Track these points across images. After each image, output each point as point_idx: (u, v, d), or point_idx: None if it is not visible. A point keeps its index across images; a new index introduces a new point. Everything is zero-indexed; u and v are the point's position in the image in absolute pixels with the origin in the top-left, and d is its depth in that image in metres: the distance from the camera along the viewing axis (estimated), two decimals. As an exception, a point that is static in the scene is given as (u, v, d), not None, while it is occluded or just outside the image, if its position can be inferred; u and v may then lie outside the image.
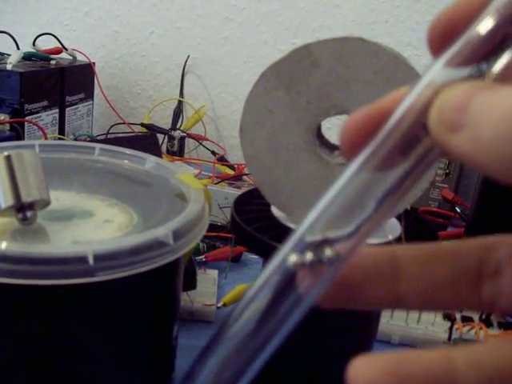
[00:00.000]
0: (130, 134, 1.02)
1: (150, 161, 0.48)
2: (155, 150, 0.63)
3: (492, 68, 0.17)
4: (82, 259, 0.31)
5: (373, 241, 0.41)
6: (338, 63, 0.39)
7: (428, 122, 0.17)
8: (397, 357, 0.17)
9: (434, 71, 0.17)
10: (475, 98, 0.16)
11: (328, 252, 0.19)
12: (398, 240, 0.42)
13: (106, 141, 0.72)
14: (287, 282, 0.19)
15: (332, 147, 0.43)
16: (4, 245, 0.31)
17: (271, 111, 0.41)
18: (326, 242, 0.19)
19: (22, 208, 0.36)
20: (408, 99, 0.18)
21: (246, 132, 0.42)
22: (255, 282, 0.20)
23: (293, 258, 0.19)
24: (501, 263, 0.21)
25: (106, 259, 0.32)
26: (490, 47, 0.17)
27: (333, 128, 0.42)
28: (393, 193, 0.18)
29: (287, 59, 0.40)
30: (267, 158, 0.42)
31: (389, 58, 0.38)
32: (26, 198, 0.35)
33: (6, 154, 0.36)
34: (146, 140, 0.66)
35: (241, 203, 0.47)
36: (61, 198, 0.41)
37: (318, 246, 0.19)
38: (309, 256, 0.19)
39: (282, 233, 0.42)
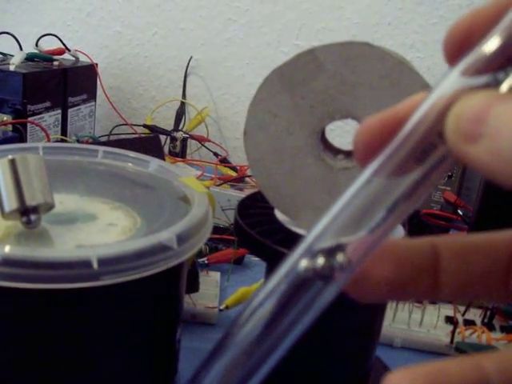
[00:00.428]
0: (133, 136, 1.02)
1: (154, 164, 0.48)
2: (158, 152, 0.63)
3: (509, 77, 0.16)
4: (87, 263, 0.31)
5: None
6: (343, 67, 0.39)
7: (444, 130, 0.17)
8: (432, 368, 0.17)
9: (451, 79, 0.17)
10: (493, 107, 0.16)
11: (340, 258, 0.19)
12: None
13: (108, 143, 0.72)
14: (297, 287, 0.19)
15: (336, 151, 0.43)
16: (8, 248, 0.31)
17: (275, 115, 0.41)
18: (338, 248, 0.19)
19: (26, 211, 0.36)
20: (424, 106, 0.17)
21: (250, 136, 0.42)
22: (263, 287, 0.20)
23: (304, 263, 0.19)
24: None
25: (111, 263, 0.32)
26: (507, 56, 0.16)
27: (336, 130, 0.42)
28: (405, 199, 0.18)
29: (292, 63, 0.40)
30: (271, 161, 0.42)
31: (394, 62, 0.38)
32: (30, 201, 0.35)
33: (10, 157, 0.36)
34: (149, 142, 0.66)
35: (244, 206, 0.47)
36: (64, 201, 0.41)
37: (329, 252, 0.19)
38: (320, 261, 0.19)
39: (285, 237, 0.42)
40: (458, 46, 0.18)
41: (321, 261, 0.19)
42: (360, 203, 0.19)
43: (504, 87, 0.16)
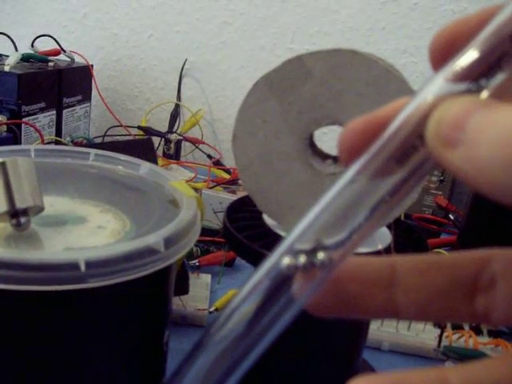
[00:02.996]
0: (126, 139, 1.02)
1: (144, 167, 0.49)
2: (150, 155, 0.63)
3: (490, 84, 0.17)
4: (74, 266, 0.31)
5: (362, 249, 0.41)
6: (330, 74, 0.39)
7: (425, 133, 0.17)
8: (395, 377, 0.17)
9: (434, 84, 0.17)
10: (473, 115, 0.16)
11: (321, 256, 0.19)
12: (388, 249, 0.43)
13: (101, 145, 0.73)
14: (278, 284, 0.20)
15: (324, 156, 0.43)
16: (-3, 250, 0.32)
17: (264, 121, 0.41)
18: (319, 246, 0.19)
19: (15, 214, 0.36)
20: (407, 109, 0.18)
21: (238, 141, 0.42)
22: (245, 285, 0.20)
23: (286, 261, 0.19)
24: (495, 276, 0.21)
25: (98, 266, 0.32)
26: (489, 63, 0.17)
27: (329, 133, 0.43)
28: (387, 201, 0.18)
29: (280, 69, 0.40)
30: (259, 166, 0.42)
31: (381, 70, 0.39)
32: (19, 204, 0.36)
33: (0, 160, 0.36)
34: (142, 144, 0.67)
35: (233, 210, 0.47)
36: (55, 204, 0.42)
37: (311, 250, 0.19)
38: (302, 259, 0.19)
39: (273, 241, 0.42)
40: (442, 52, 0.18)
41: (302, 258, 0.19)
42: (342, 202, 0.19)
43: (485, 94, 0.17)
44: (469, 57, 0.17)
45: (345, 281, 0.22)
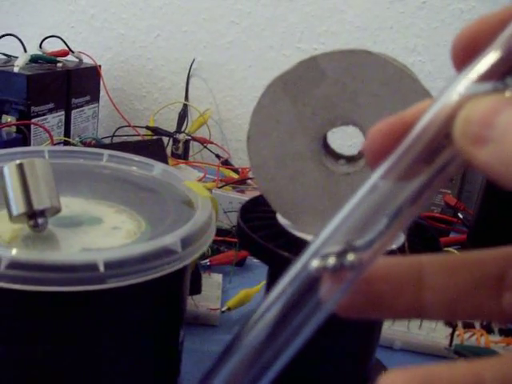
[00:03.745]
0: (137, 139, 1.02)
1: (158, 167, 0.49)
2: (161, 155, 0.64)
3: None
4: (93, 267, 0.32)
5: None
6: (344, 75, 0.40)
7: (453, 132, 0.17)
8: (427, 372, 0.17)
9: (459, 83, 0.18)
10: (501, 112, 0.16)
11: (350, 257, 0.19)
12: (402, 248, 0.43)
13: (112, 145, 0.73)
14: (307, 288, 0.20)
15: (337, 157, 0.43)
16: (15, 251, 0.32)
17: (278, 121, 0.41)
18: (349, 248, 0.19)
19: (33, 215, 0.37)
20: (433, 109, 0.18)
21: (252, 141, 0.43)
22: (273, 288, 0.20)
23: (315, 263, 0.19)
24: None
25: (117, 267, 0.32)
26: None
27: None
28: (415, 201, 0.19)
29: (294, 70, 0.40)
30: (273, 166, 0.43)
31: (395, 70, 0.39)
32: (37, 205, 0.36)
33: (18, 162, 0.36)
34: (153, 144, 0.67)
35: (246, 210, 0.47)
36: (70, 205, 0.42)
37: (340, 251, 0.19)
38: (331, 260, 0.19)
39: (287, 241, 0.43)
40: (465, 51, 0.18)
41: (332, 260, 0.19)
42: (370, 203, 0.19)
43: (511, 92, 0.17)
44: (493, 55, 0.17)
45: (373, 281, 0.22)
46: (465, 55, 0.18)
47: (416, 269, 0.22)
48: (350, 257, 0.19)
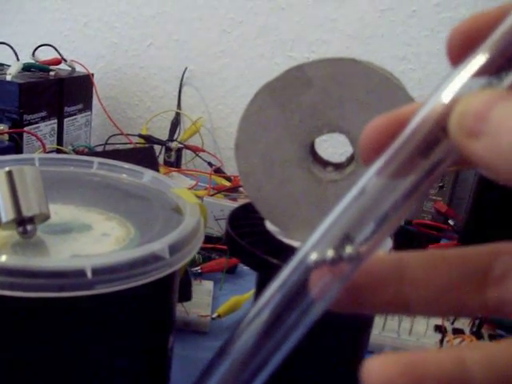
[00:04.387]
0: (128, 147, 1.03)
1: (148, 175, 0.49)
2: (152, 163, 0.64)
3: (511, 77, 0.17)
4: (81, 272, 0.32)
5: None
6: (331, 83, 0.40)
7: (448, 125, 0.18)
8: (411, 357, 0.18)
9: (455, 78, 0.18)
10: (495, 106, 0.17)
11: (349, 249, 0.19)
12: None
13: (103, 153, 0.73)
14: (302, 284, 0.20)
15: (325, 163, 0.44)
16: (4, 258, 0.32)
17: (266, 129, 0.42)
18: (347, 241, 0.19)
19: (22, 222, 0.37)
20: (429, 103, 0.18)
21: (241, 149, 0.43)
22: (266, 290, 0.21)
23: (314, 256, 0.19)
24: (506, 269, 0.21)
25: (104, 273, 0.33)
26: (509, 57, 0.17)
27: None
28: (410, 195, 0.19)
29: (281, 78, 0.41)
30: (262, 174, 0.43)
31: (381, 78, 0.40)
32: (26, 212, 0.36)
33: (7, 169, 0.37)
34: (144, 153, 0.67)
35: (235, 217, 0.48)
36: (60, 212, 0.42)
37: (338, 244, 0.19)
38: (330, 253, 0.19)
39: (275, 247, 0.43)
40: (460, 47, 0.19)
41: (330, 253, 0.19)
42: (367, 198, 0.19)
43: (506, 85, 0.17)
44: (488, 51, 0.18)
45: (355, 276, 0.22)
46: (460, 50, 0.19)
47: (398, 265, 0.23)
48: (349, 249, 0.19)
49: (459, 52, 0.19)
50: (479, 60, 0.18)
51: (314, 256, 0.19)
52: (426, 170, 0.19)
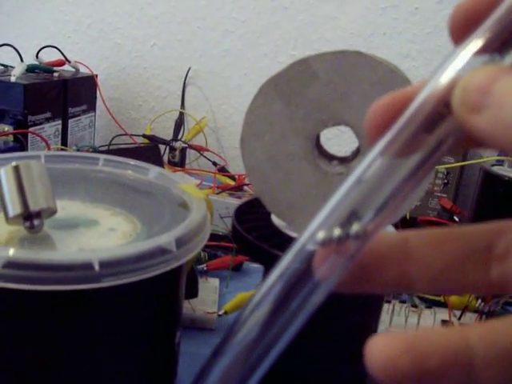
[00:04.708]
0: (133, 145, 1.03)
1: (153, 171, 0.49)
2: (157, 161, 0.64)
3: None
4: (88, 265, 0.32)
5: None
6: (336, 76, 0.40)
7: (451, 101, 0.18)
8: (414, 335, 0.18)
9: (458, 56, 0.18)
10: (498, 80, 0.17)
11: (356, 226, 0.19)
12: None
13: (109, 152, 0.73)
14: (308, 266, 0.20)
15: (330, 157, 0.44)
16: (12, 251, 0.32)
17: (271, 123, 0.42)
18: (354, 218, 0.19)
19: (29, 216, 0.37)
20: (433, 80, 0.18)
21: (246, 143, 0.43)
22: (269, 275, 0.20)
23: (321, 234, 0.19)
24: (510, 246, 0.21)
25: (112, 266, 0.33)
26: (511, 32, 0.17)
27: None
28: (415, 174, 0.19)
29: (286, 72, 0.41)
30: (267, 168, 0.43)
31: (385, 70, 0.40)
32: (33, 206, 0.37)
33: (14, 164, 0.37)
34: (149, 151, 0.67)
35: (241, 212, 0.48)
36: (66, 207, 0.43)
37: (345, 222, 0.19)
38: (336, 232, 0.19)
39: (282, 241, 0.43)
40: (463, 25, 0.19)
41: (337, 231, 0.19)
42: (372, 176, 0.19)
43: (508, 61, 0.18)
44: (491, 28, 0.18)
45: (360, 256, 0.22)
46: (463, 28, 0.19)
47: (402, 243, 0.23)
48: (355, 226, 0.19)
49: (462, 30, 0.19)
50: (482, 37, 0.18)
51: (321, 234, 0.19)
52: (431, 147, 0.19)
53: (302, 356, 0.44)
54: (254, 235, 0.43)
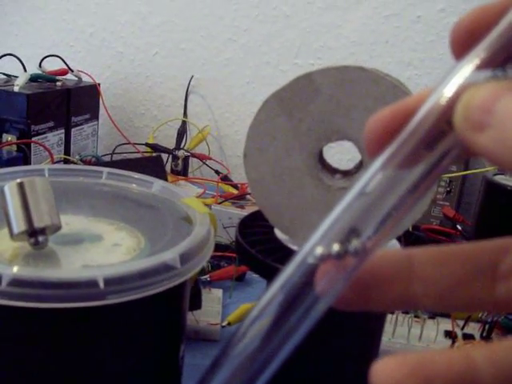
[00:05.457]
0: (136, 156, 1.03)
1: (157, 184, 0.49)
2: (161, 172, 0.64)
3: None
4: (93, 283, 0.32)
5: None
6: (339, 91, 0.40)
7: (453, 118, 0.18)
8: (419, 357, 0.18)
9: (459, 71, 0.18)
10: (500, 98, 0.17)
11: (355, 243, 0.19)
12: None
13: (112, 163, 0.74)
14: (307, 279, 0.20)
15: (333, 171, 0.44)
16: (16, 269, 0.32)
17: (274, 137, 0.42)
18: (353, 234, 0.19)
19: (33, 233, 0.37)
20: (434, 96, 0.18)
21: (249, 158, 0.43)
22: (273, 283, 0.20)
23: (319, 250, 0.19)
24: None
25: (116, 283, 0.33)
26: None
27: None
28: (416, 189, 0.19)
29: (289, 87, 0.41)
30: (271, 182, 0.43)
31: (388, 85, 0.40)
32: (37, 223, 0.37)
33: (19, 180, 0.37)
34: (152, 161, 0.68)
35: (245, 225, 0.48)
36: (70, 222, 0.43)
37: (344, 238, 0.19)
38: (335, 247, 0.19)
39: (285, 255, 0.43)
40: (464, 39, 0.19)
41: (336, 247, 0.19)
42: (372, 192, 0.19)
43: (510, 76, 0.17)
44: (493, 43, 0.18)
45: (362, 273, 0.22)
46: (464, 43, 0.19)
47: (406, 261, 0.23)
48: (354, 243, 0.19)
49: (463, 45, 0.19)
50: (484, 52, 0.18)
51: (319, 250, 0.19)
52: (432, 163, 0.19)
53: (303, 371, 0.44)
54: (257, 249, 0.43)
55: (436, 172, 0.19)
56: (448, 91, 0.18)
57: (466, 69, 0.18)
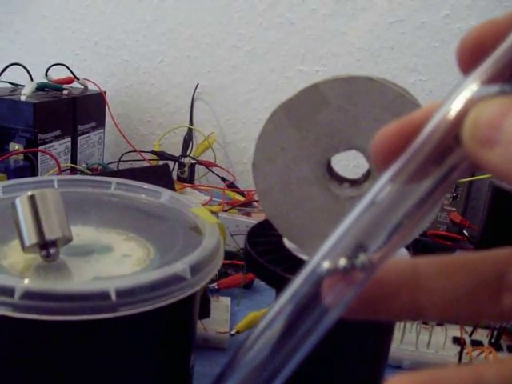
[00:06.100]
0: (142, 164, 1.03)
1: (165, 194, 0.50)
2: (168, 181, 0.65)
3: None
4: (105, 295, 0.32)
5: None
6: (346, 101, 0.41)
7: (461, 134, 0.18)
8: (429, 375, 0.18)
9: (467, 86, 0.18)
10: (509, 115, 0.17)
11: (362, 257, 0.19)
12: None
13: (120, 172, 0.74)
14: (315, 293, 0.20)
15: (341, 180, 0.44)
16: (28, 281, 0.32)
17: (282, 148, 0.42)
18: (360, 249, 0.19)
19: (45, 245, 0.37)
20: (442, 111, 0.18)
21: (258, 168, 0.43)
22: (277, 300, 0.20)
23: (326, 264, 0.19)
24: None
25: (128, 295, 0.33)
26: None
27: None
28: (423, 204, 0.19)
29: (297, 98, 0.41)
30: (279, 192, 0.43)
31: (395, 95, 0.40)
32: (49, 235, 0.37)
33: (30, 193, 0.37)
34: (160, 171, 0.68)
35: (253, 235, 0.48)
36: (81, 234, 0.43)
37: (351, 253, 0.19)
38: (342, 262, 0.19)
39: (294, 264, 0.43)
40: (470, 54, 0.19)
41: (343, 261, 0.19)
42: (380, 206, 0.19)
43: None
44: (500, 58, 0.18)
45: (369, 284, 0.21)
46: (471, 58, 0.19)
47: (412, 271, 0.23)
48: (361, 258, 0.19)
49: (470, 60, 0.19)
50: (491, 67, 0.18)
51: (326, 264, 0.19)
52: (439, 178, 0.19)
53: (315, 375, 0.44)
54: (266, 259, 0.44)
55: (444, 186, 0.19)
56: (455, 106, 0.18)
57: (474, 84, 0.18)
